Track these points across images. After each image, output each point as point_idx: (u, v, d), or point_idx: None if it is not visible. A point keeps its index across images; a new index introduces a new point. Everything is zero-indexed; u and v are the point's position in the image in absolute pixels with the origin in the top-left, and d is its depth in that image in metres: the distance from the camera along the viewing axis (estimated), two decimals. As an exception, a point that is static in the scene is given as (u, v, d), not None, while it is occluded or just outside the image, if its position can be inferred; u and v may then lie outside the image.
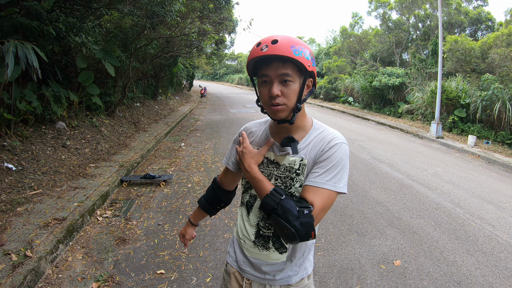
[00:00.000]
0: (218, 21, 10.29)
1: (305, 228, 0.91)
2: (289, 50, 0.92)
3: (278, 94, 0.96)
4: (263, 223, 1.11)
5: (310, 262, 1.17)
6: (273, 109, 0.98)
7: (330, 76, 19.18)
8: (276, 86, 0.96)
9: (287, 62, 0.95)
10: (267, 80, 0.98)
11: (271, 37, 0.95)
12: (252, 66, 1.03)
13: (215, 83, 48.58)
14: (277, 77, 0.96)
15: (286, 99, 0.97)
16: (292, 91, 0.97)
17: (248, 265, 1.16)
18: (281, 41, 0.93)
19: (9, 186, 3.53)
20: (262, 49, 0.93)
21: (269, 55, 0.93)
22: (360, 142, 7.75)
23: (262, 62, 0.98)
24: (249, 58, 0.99)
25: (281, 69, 0.95)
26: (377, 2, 17.38)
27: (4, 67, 3.22)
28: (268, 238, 1.11)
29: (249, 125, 1.22)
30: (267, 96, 0.98)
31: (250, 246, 1.14)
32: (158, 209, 3.66)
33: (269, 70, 0.96)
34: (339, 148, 1.00)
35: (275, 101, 0.97)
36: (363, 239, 3.14)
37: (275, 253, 1.11)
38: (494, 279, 2.59)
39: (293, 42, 0.94)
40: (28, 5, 4.46)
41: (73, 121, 5.77)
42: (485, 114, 9.10)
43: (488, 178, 5.54)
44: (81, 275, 2.44)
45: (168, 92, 14.95)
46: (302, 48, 0.95)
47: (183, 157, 5.96)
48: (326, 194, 0.97)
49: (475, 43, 11.66)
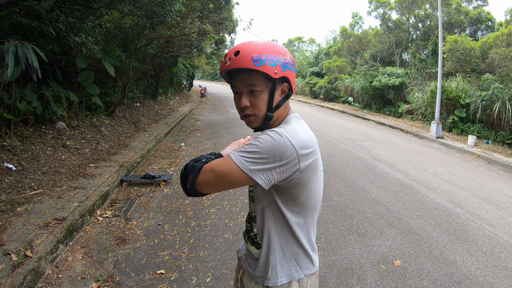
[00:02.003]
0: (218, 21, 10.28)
1: (188, 168, 0.94)
2: (249, 62, 0.90)
3: (247, 104, 0.96)
4: (247, 216, 1.17)
5: (297, 267, 1.04)
6: (245, 120, 1.02)
7: (330, 76, 19.18)
8: (245, 97, 0.97)
9: (253, 73, 0.94)
10: (238, 91, 1.00)
11: (235, 47, 0.95)
12: (226, 76, 1.04)
13: (215, 83, 48.57)
14: (245, 87, 0.96)
15: (255, 109, 0.97)
16: (260, 101, 0.97)
17: (244, 252, 1.21)
18: (242, 52, 0.92)
19: (9, 186, 3.53)
20: (226, 63, 0.95)
21: (230, 70, 0.95)
22: (360, 142, 7.75)
23: (231, 74, 0.99)
24: (220, 70, 1.00)
25: (247, 80, 0.95)
26: (377, 2, 17.38)
27: (4, 67, 3.22)
28: (247, 231, 1.15)
29: None
30: (239, 106, 1.00)
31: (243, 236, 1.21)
32: (158, 209, 3.66)
33: (237, 81, 0.98)
34: (267, 132, 0.91)
35: (245, 112, 0.99)
36: (363, 239, 3.14)
37: (253, 248, 1.09)
38: (494, 279, 2.59)
39: (256, 51, 0.91)
40: (28, 5, 4.46)
41: (73, 121, 5.77)
42: (485, 114, 9.10)
43: (488, 178, 5.54)
44: (81, 275, 2.43)
45: (168, 92, 14.95)
46: (266, 55, 0.91)
47: (183, 157, 5.96)
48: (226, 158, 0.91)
49: (475, 43, 11.66)
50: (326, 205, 3.92)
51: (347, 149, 6.96)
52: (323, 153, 6.47)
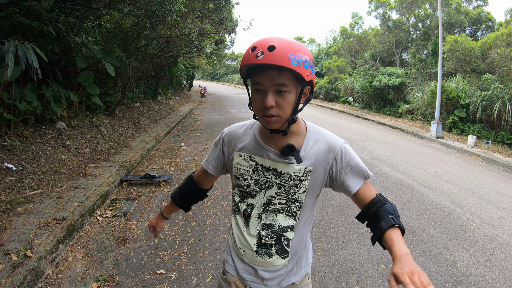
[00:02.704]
0: (218, 21, 10.29)
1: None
2: (286, 60, 0.83)
3: (273, 104, 0.89)
4: (264, 232, 1.08)
5: (309, 261, 1.19)
6: (267, 120, 0.93)
7: (330, 76, 19.19)
8: (271, 96, 0.89)
9: (284, 71, 0.86)
10: (261, 89, 0.91)
11: (268, 41, 0.86)
12: (246, 71, 0.94)
13: (215, 83, 48.59)
14: (272, 86, 0.89)
15: (281, 110, 0.91)
16: (288, 102, 0.91)
17: (249, 273, 1.13)
18: (279, 48, 0.84)
19: (9, 186, 3.53)
20: (257, 56, 0.85)
21: (261, 64, 0.85)
22: (360, 142, 7.75)
23: (256, 68, 0.90)
24: (243, 63, 0.90)
25: (276, 79, 0.87)
26: (377, 2, 17.39)
27: (4, 67, 3.22)
28: (271, 246, 1.08)
29: (234, 129, 1.14)
30: (261, 105, 0.92)
31: (251, 255, 1.11)
32: (158, 209, 3.66)
33: (264, 79, 0.89)
34: (348, 149, 1.06)
35: (268, 112, 0.91)
36: (363, 239, 3.14)
37: (279, 259, 1.09)
38: (494, 279, 2.59)
39: (291, 49, 0.85)
40: (28, 5, 4.46)
41: (73, 121, 5.77)
42: (485, 114, 9.10)
43: (488, 178, 5.54)
44: (81, 275, 2.44)
45: (168, 92, 14.95)
46: (301, 55, 0.86)
47: (183, 157, 5.96)
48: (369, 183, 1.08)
49: (475, 43, 11.67)
50: (326, 205, 3.93)
51: (347, 149, 6.95)
52: (323, 153, 6.47)
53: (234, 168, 1.11)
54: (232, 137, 1.13)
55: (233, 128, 1.15)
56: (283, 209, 1.06)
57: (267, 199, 1.06)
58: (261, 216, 1.08)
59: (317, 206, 3.87)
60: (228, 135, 1.14)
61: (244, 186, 1.09)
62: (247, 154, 1.08)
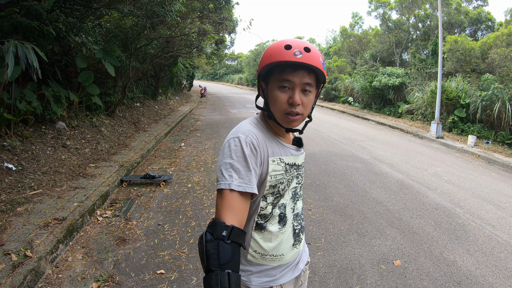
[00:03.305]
0: (218, 21, 10.29)
1: None
2: (319, 62, 0.93)
3: (299, 102, 0.95)
4: (295, 222, 1.13)
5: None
6: (290, 118, 0.96)
7: (330, 76, 19.18)
8: (298, 93, 0.95)
9: (312, 73, 0.95)
10: (288, 86, 0.94)
11: (301, 43, 0.93)
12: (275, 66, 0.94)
13: (215, 83, 48.58)
14: (300, 85, 0.95)
15: (304, 109, 0.98)
16: (309, 101, 0.99)
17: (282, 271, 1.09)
18: (313, 51, 0.93)
19: (9, 186, 3.53)
20: (295, 54, 0.90)
21: (301, 63, 0.91)
22: (360, 142, 7.75)
23: (288, 66, 0.93)
24: (276, 59, 0.91)
25: (305, 78, 0.94)
26: (377, 2, 17.39)
27: (4, 67, 3.23)
28: (300, 230, 1.15)
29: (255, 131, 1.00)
30: (286, 102, 0.95)
31: (289, 254, 1.09)
32: (158, 209, 3.66)
33: (295, 77, 0.93)
34: None
35: (295, 110, 0.95)
36: (363, 239, 3.14)
37: (303, 239, 1.20)
38: (494, 279, 2.59)
39: (320, 54, 0.96)
40: (28, 5, 4.46)
41: (73, 121, 5.77)
42: (485, 114, 9.11)
43: (488, 178, 5.54)
44: (81, 275, 2.43)
45: (168, 92, 14.94)
46: (323, 60, 0.96)
47: (183, 157, 5.96)
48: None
49: (475, 43, 11.67)
50: (326, 205, 3.93)
51: (347, 149, 6.96)
52: (323, 153, 6.47)
53: (270, 177, 1.00)
54: (260, 142, 0.99)
55: (252, 130, 1.00)
56: (300, 195, 1.16)
57: (292, 193, 1.11)
58: (294, 209, 1.12)
59: (317, 206, 3.88)
60: (257, 141, 0.98)
61: (280, 190, 1.04)
62: (277, 157, 1.02)
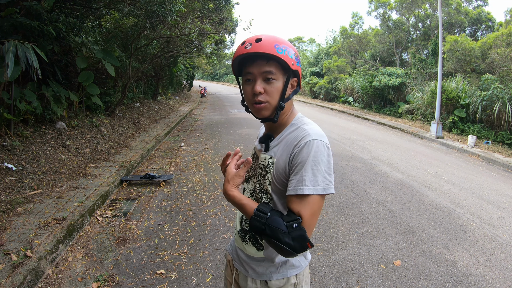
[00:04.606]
0: (218, 21, 10.28)
1: (298, 242, 0.87)
2: (272, 48, 0.94)
3: (261, 91, 0.97)
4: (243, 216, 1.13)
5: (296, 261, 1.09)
6: (256, 107, 0.99)
7: (330, 76, 19.18)
8: (259, 83, 0.97)
9: (271, 60, 0.96)
10: (251, 78, 0.99)
11: (256, 36, 0.97)
12: (237, 65, 1.03)
13: (215, 83, 48.59)
14: (260, 74, 0.97)
15: (269, 96, 0.98)
16: (275, 89, 0.98)
17: (234, 254, 1.19)
18: (265, 39, 0.95)
19: (9, 186, 3.53)
20: (246, 47, 0.95)
21: (252, 53, 0.95)
22: (360, 142, 7.75)
23: (247, 60, 0.99)
24: (234, 56, 1.00)
25: (264, 67, 0.96)
26: (377, 2, 17.38)
27: (4, 67, 3.22)
28: (246, 232, 1.11)
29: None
30: (251, 93, 0.99)
31: (237, 235, 1.16)
32: (158, 209, 3.66)
33: (253, 67, 0.98)
34: (310, 146, 0.94)
35: (257, 99, 0.98)
36: (363, 239, 3.14)
37: (253, 248, 1.09)
38: (494, 279, 2.59)
39: (277, 41, 0.96)
40: (28, 5, 4.45)
41: (73, 121, 5.77)
42: (485, 114, 9.11)
43: (488, 178, 5.54)
44: (81, 275, 2.44)
45: (168, 92, 14.94)
46: (286, 47, 0.96)
47: (183, 157, 5.96)
48: (310, 200, 0.91)
49: (475, 43, 11.66)
50: (326, 205, 3.92)
51: (347, 149, 6.96)
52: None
53: None
54: None
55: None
56: (259, 199, 1.06)
57: (254, 186, 1.10)
58: None
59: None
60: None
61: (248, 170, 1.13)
62: None
